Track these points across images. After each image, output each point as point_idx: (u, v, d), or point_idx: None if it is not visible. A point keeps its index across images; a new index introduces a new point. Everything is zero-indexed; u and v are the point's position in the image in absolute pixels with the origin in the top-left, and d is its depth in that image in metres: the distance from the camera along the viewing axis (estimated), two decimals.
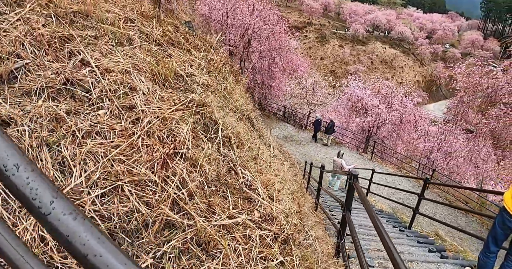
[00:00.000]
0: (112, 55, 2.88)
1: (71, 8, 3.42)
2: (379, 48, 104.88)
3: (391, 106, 22.50)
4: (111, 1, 4.77)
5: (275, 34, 22.76)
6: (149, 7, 5.42)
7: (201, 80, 3.30)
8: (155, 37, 3.94)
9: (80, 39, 2.81)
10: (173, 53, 3.87)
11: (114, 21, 3.67)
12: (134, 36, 3.56)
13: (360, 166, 19.31)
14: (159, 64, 3.02)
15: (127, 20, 4.03)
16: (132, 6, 4.89)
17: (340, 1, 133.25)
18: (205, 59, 4.30)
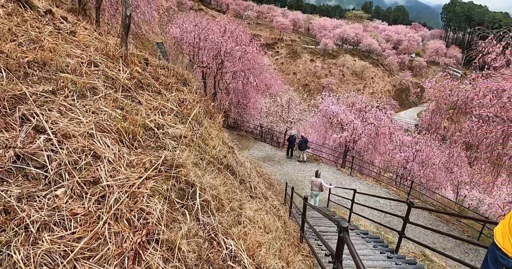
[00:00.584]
0: (72, 112, 2.58)
1: (25, 57, 3.11)
2: (349, 61, 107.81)
3: (366, 120, 22.79)
4: (74, 41, 4.48)
5: (248, 54, 22.79)
6: (115, 44, 5.15)
7: (174, 131, 3.03)
8: (121, 81, 3.66)
9: (35, 97, 2.50)
10: (142, 99, 3.59)
11: (76, 68, 3.37)
12: (98, 84, 3.28)
13: (340, 183, 19.29)
14: (126, 120, 2.74)
15: (91, 64, 3.74)
16: (97, 45, 4.61)
17: (309, 16, 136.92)
18: (177, 102, 4.04)
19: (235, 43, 22.58)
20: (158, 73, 5.27)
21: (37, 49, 3.44)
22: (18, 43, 3.36)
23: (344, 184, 19.61)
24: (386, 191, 20.30)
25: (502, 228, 3.56)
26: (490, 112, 13.30)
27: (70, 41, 4.44)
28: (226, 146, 4.42)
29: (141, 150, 2.52)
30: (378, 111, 22.76)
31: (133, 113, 3.08)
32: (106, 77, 3.59)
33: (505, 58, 14.05)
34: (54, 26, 4.97)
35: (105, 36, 6.87)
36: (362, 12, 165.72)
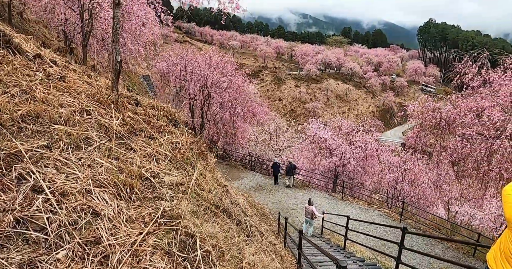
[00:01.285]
0: (68, 167, 2.59)
1: (18, 110, 3.14)
2: (332, 85, 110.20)
3: (354, 143, 23.06)
4: (64, 88, 4.53)
5: (234, 84, 23.14)
6: (105, 87, 5.21)
7: (170, 179, 3.05)
8: (114, 129, 3.69)
9: (31, 154, 2.51)
10: (136, 146, 3.62)
11: (69, 118, 3.40)
12: (91, 134, 3.30)
13: (332, 209, 19.21)
14: (122, 172, 2.76)
15: (83, 112, 3.78)
16: (88, 91, 4.66)
17: (291, 44, 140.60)
18: (171, 147, 4.07)
19: (221, 74, 22.96)
20: (149, 115, 5.33)
21: (29, 100, 3.47)
22: (10, 95, 3.39)
23: (336, 209, 19.53)
24: (378, 213, 20.27)
25: (494, 253, 3.59)
26: (473, 131, 13.63)
27: (61, 88, 4.49)
28: (220, 186, 4.43)
29: (139, 203, 2.52)
30: (365, 134, 23.08)
31: (128, 162, 3.10)
32: (99, 125, 3.62)
33: (481, 78, 14.58)
34: (44, 73, 5.03)
35: (94, 78, 6.96)
36: (342, 37, 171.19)
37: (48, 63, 6.52)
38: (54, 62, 6.74)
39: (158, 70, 23.28)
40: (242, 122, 25.03)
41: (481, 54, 14.81)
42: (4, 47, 5.84)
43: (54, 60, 6.88)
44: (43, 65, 6.18)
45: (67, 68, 6.64)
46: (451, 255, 16.25)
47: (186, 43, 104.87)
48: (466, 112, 14.13)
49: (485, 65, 14.74)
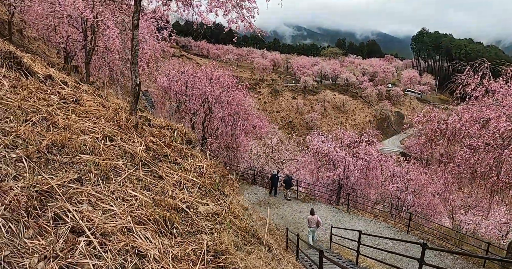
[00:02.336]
0: (103, 202, 2.44)
1: (42, 139, 3.00)
2: (329, 96, 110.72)
3: (357, 155, 22.95)
4: (83, 113, 4.40)
5: (235, 98, 23.09)
6: (119, 109, 5.08)
7: (205, 209, 2.91)
8: (140, 155, 3.56)
9: (63, 190, 2.36)
10: (163, 172, 3.48)
11: (94, 146, 3.27)
12: (118, 163, 3.16)
13: (339, 222, 18.97)
14: (158, 204, 2.62)
15: (106, 139, 3.65)
16: (106, 114, 4.54)
17: (287, 56, 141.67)
18: (196, 172, 3.94)
19: (222, 89, 22.93)
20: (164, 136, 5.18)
21: (51, 128, 3.34)
22: (32, 123, 3.26)
23: (343, 222, 19.30)
24: (385, 225, 20.04)
25: None
26: (480, 141, 13.55)
27: (79, 112, 4.36)
28: (245, 209, 4.27)
29: (181, 238, 2.37)
30: (368, 146, 23.00)
31: (160, 193, 2.96)
32: (124, 153, 3.49)
33: (483, 87, 14.59)
34: (59, 96, 4.92)
35: (105, 98, 6.84)
36: (337, 48, 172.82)
37: (59, 84, 6.42)
38: (65, 83, 6.64)
39: (159, 86, 23.21)
40: (243, 136, 24.90)
41: (482, 65, 14.87)
42: (16, 69, 5.74)
43: (65, 81, 6.78)
44: (55, 87, 6.07)
45: (78, 89, 6.53)
46: (461, 266, 15.99)
47: (183, 58, 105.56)
48: (472, 122, 14.08)
49: (487, 75, 14.79)
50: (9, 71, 5.36)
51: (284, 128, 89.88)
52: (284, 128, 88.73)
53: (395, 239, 9.94)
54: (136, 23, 4.20)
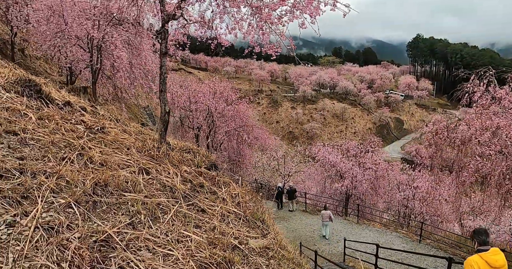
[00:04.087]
0: (160, 246, 2.35)
1: (84, 179, 2.90)
2: (328, 104, 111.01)
3: (364, 165, 22.83)
4: (112, 143, 4.31)
5: (239, 112, 23.09)
6: (149, 137, 5.01)
7: (256, 244, 2.82)
8: (179, 188, 3.47)
9: (121, 238, 2.27)
10: (204, 205, 3.39)
11: (134, 182, 3.18)
12: (162, 199, 3.07)
13: (350, 234, 18.75)
14: (212, 243, 2.53)
15: (142, 172, 3.56)
16: (135, 144, 4.46)
17: (285, 66, 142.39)
18: (233, 201, 3.85)
19: (226, 103, 22.94)
20: (187, 161, 5.09)
21: (89, 164, 3.25)
22: (70, 161, 3.17)
23: (354, 233, 19.09)
24: (396, 235, 19.83)
25: None
26: (491, 149, 13.48)
27: (108, 142, 4.28)
28: (284, 238, 4.17)
29: None
30: (374, 155, 22.91)
31: (209, 230, 2.87)
32: (163, 186, 3.40)
33: (490, 95, 14.58)
34: (84, 125, 4.85)
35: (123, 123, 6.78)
36: (334, 57, 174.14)
37: (79, 110, 6.36)
38: (83, 109, 6.58)
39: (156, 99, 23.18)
40: (248, 149, 24.81)
41: (487, 72, 14.92)
42: (36, 97, 5.69)
43: (83, 106, 6.72)
44: (75, 113, 6.02)
45: (97, 114, 6.47)
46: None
47: (182, 71, 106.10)
48: (481, 131, 14.04)
49: (492, 83, 14.81)
50: (30, 100, 5.31)
51: (285, 138, 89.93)
52: (285, 139, 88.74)
53: (420, 253, 9.75)
54: (165, 51, 4.15)
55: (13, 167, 2.51)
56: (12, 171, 2.47)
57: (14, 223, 2.03)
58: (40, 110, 4.88)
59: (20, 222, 2.05)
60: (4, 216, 2.05)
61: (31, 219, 2.09)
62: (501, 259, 4.32)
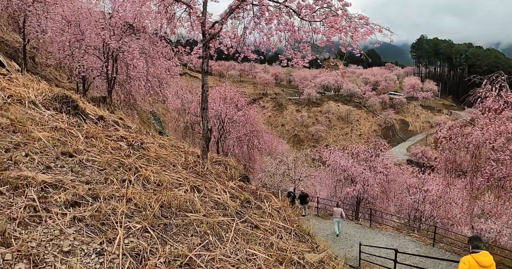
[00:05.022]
0: (234, 267, 2.48)
1: (149, 201, 3.02)
2: (333, 107, 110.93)
3: (374, 169, 22.85)
4: (156, 160, 4.45)
5: (250, 118, 23.22)
6: (186, 151, 5.15)
7: (313, 259, 2.94)
8: (230, 205, 3.60)
9: (200, 260, 2.39)
10: (255, 221, 3.51)
11: (192, 202, 3.30)
12: (220, 217, 3.20)
13: (364, 238, 18.76)
14: (278, 260, 2.64)
15: (194, 190, 3.69)
16: (178, 160, 4.60)
17: (289, 69, 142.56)
18: (279, 215, 3.97)
19: (236, 108, 23.08)
20: (220, 173, 5.21)
21: (147, 185, 3.38)
22: (129, 182, 3.30)
23: (367, 238, 19.10)
24: (409, 239, 19.84)
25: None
26: (506, 154, 13.52)
27: (153, 159, 4.43)
28: None
29: None
30: (385, 159, 22.94)
31: (267, 246, 2.98)
32: (216, 204, 3.53)
33: (502, 99, 14.61)
34: (126, 142, 5.00)
35: (152, 134, 6.93)
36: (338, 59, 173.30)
37: (112, 124, 6.53)
38: (116, 123, 6.74)
39: (174, 108, 23.39)
40: (259, 155, 24.91)
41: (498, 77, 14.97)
42: (74, 113, 5.85)
43: (115, 120, 6.89)
44: (109, 128, 6.17)
45: (129, 128, 6.62)
46: None
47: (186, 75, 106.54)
48: (495, 136, 14.08)
49: (504, 87, 14.86)
50: (69, 116, 5.47)
51: (290, 141, 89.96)
52: (290, 142, 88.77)
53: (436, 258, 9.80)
54: (206, 69, 4.28)
55: (86, 193, 2.64)
56: (85, 197, 2.60)
57: (102, 251, 2.14)
58: (80, 127, 5.04)
59: (107, 250, 2.17)
60: (92, 245, 2.17)
61: (117, 247, 2.21)
62: (489, 260, 5.38)
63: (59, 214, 2.31)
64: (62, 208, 2.36)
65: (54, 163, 3.09)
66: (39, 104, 5.31)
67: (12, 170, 2.63)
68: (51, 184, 2.59)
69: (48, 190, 2.53)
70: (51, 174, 2.81)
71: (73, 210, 2.39)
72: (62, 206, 2.38)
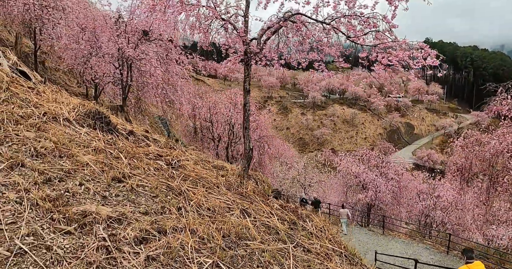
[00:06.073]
0: None
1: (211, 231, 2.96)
2: (338, 110, 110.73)
3: (386, 175, 22.72)
4: (201, 182, 4.40)
5: (261, 123, 23.20)
6: (233, 175, 5.10)
7: None
8: (281, 229, 3.55)
9: None
10: (306, 244, 3.47)
11: (248, 228, 3.25)
12: (278, 244, 3.15)
13: (376, 245, 18.62)
14: None
15: (245, 214, 3.65)
16: (219, 180, 4.55)
17: (294, 73, 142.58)
18: (325, 237, 3.91)
19: None
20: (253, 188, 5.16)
21: (202, 212, 3.33)
22: (184, 210, 3.26)
23: (381, 245, 18.95)
24: (423, 246, 19.69)
25: None
26: None
27: (195, 179, 4.37)
28: None
29: None
30: (397, 166, 22.80)
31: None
32: (268, 228, 3.48)
33: None
34: (165, 161, 4.95)
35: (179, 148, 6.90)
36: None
37: (142, 139, 6.50)
38: (146, 137, 6.72)
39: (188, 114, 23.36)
40: (269, 160, 24.85)
41: None
42: (107, 129, 5.83)
43: (145, 135, 6.85)
44: (140, 143, 6.14)
45: (157, 142, 6.58)
46: None
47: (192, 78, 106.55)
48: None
49: None
50: (104, 133, 5.44)
51: (295, 145, 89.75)
52: (295, 145, 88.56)
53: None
54: (248, 88, 4.24)
55: (151, 227, 2.59)
56: (151, 231, 2.55)
57: None
58: (117, 145, 5.01)
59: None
60: None
61: None
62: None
63: (131, 253, 2.26)
64: (132, 246, 2.32)
65: (108, 192, 3.05)
66: (73, 122, 5.29)
67: (73, 205, 2.59)
68: (115, 218, 2.55)
69: (114, 225, 2.48)
70: (110, 205, 2.77)
71: (144, 248, 2.35)
72: (132, 243, 2.33)
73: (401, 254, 17.17)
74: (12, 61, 7.70)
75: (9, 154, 3.04)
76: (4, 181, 2.66)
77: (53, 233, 2.17)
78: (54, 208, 2.42)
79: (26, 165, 2.98)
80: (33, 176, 2.83)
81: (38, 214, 2.31)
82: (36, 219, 2.26)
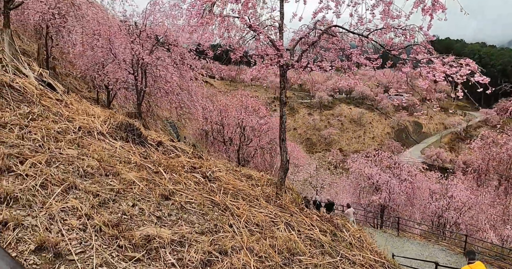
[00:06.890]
0: None
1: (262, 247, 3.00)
2: (345, 110, 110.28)
3: (399, 177, 22.61)
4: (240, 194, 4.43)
5: (273, 126, 23.23)
6: (270, 187, 5.14)
7: None
8: (324, 242, 3.58)
9: None
10: (349, 256, 3.49)
11: (297, 243, 3.29)
12: (324, 258, 3.19)
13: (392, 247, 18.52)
14: None
15: (289, 228, 3.68)
16: (257, 192, 4.60)
17: None
18: (365, 247, 3.95)
19: (258, 117, 23.12)
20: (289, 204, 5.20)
21: (250, 227, 3.37)
22: (236, 226, 3.30)
23: (396, 247, 18.85)
24: (439, 248, 19.55)
25: None
26: None
27: (233, 193, 4.41)
28: None
29: None
30: (410, 167, 22.70)
31: None
32: (312, 241, 3.52)
33: None
34: (201, 174, 5.01)
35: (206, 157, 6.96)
36: None
37: (171, 150, 6.57)
38: (175, 148, 6.78)
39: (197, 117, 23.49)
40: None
41: None
42: (138, 142, 5.90)
43: (173, 145, 6.93)
44: (170, 154, 6.21)
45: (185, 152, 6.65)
46: None
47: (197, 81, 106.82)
48: None
49: None
50: (137, 146, 5.51)
51: (303, 145, 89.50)
52: (303, 146, 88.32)
53: None
54: (284, 101, 4.28)
55: (212, 248, 2.63)
56: (213, 252, 2.59)
57: None
58: (151, 158, 5.07)
59: None
60: None
61: None
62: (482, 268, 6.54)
63: None
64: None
65: (161, 211, 3.10)
66: (107, 135, 5.37)
67: (134, 229, 2.63)
68: (177, 241, 2.59)
69: (177, 248, 2.52)
70: (167, 227, 2.81)
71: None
72: (199, 267, 2.37)
73: (417, 256, 17.10)
74: (37, 73, 7.80)
75: (60, 176, 3.08)
76: (62, 206, 2.69)
77: (123, 261, 2.19)
78: (119, 233, 2.46)
79: (78, 187, 3.02)
80: (88, 199, 2.86)
81: (104, 241, 2.33)
82: (104, 247, 2.27)
